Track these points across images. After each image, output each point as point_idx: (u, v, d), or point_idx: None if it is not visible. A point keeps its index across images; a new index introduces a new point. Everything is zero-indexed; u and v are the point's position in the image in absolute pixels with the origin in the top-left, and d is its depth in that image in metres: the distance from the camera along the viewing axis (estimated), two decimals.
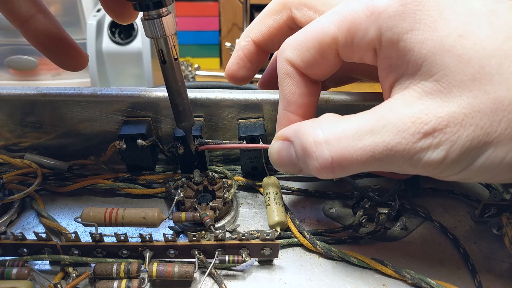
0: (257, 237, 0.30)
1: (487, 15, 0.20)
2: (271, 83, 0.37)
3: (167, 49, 0.28)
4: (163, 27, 0.27)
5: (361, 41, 0.23)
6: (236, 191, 0.36)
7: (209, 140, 0.34)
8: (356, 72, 0.33)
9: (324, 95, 0.34)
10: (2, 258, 0.30)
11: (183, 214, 0.31)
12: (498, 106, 0.19)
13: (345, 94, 0.34)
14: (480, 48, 0.20)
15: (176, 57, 0.29)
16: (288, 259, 0.31)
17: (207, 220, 0.30)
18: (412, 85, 0.21)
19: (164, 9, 0.26)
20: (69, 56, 0.31)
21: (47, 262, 0.31)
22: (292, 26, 0.31)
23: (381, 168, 0.22)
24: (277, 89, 0.36)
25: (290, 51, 0.26)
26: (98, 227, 0.31)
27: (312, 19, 0.28)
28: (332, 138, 0.22)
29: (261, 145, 0.32)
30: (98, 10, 0.70)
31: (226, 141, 0.34)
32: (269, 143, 0.32)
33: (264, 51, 0.32)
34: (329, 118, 0.24)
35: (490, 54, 0.19)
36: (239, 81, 0.32)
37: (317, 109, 0.29)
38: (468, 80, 0.20)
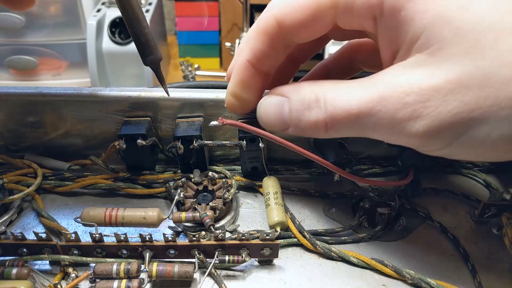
0: (257, 237, 0.30)
1: None
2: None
3: None
4: None
5: (362, 7, 0.22)
6: (236, 191, 0.36)
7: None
8: (357, 62, 0.32)
9: None
10: (2, 258, 0.29)
11: (183, 214, 0.31)
12: (486, 83, 0.19)
13: None
14: (479, 20, 0.19)
15: None
16: (288, 259, 0.31)
17: (207, 220, 0.30)
18: (407, 56, 0.21)
19: None
20: None
21: (47, 262, 0.31)
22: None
23: (367, 134, 0.23)
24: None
25: (280, 8, 0.24)
26: (98, 227, 0.31)
27: None
28: (329, 98, 0.23)
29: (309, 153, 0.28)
30: (98, 10, 0.70)
31: (226, 141, 0.34)
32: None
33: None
34: (328, 81, 0.24)
35: (488, 27, 0.19)
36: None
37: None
38: (461, 54, 0.19)
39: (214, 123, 0.27)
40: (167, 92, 0.33)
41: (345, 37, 0.30)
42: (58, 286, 0.28)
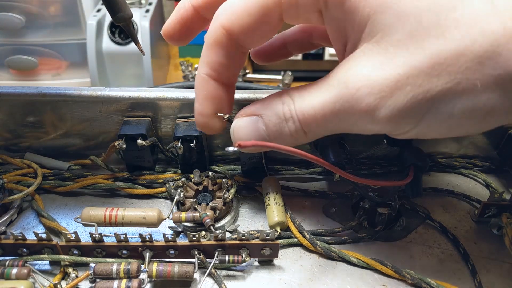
0: (257, 237, 0.30)
1: None
2: (267, 55, 0.35)
3: None
4: None
5: (306, 1, 0.23)
6: (236, 191, 0.36)
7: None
8: (315, 38, 0.33)
9: None
10: (2, 258, 0.30)
11: (183, 214, 0.31)
12: (436, 61, 0.19)
13: None
14: (418, 2, 0.20)
15: None
16: (288, 259, 0.31)
17: (207, 220, 0.30)
18: (357, 47, 0.22)
19: None
20: None
21: (47, 262, 0.31)
22: None
23: (343, 130, 0.24)
24: (270, 61, 0.35)
25: (227, 16, 0.24)
26: (98, 227, 0.31)
27: None
28: (298, 107, 0.24)
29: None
30: (98, 10, 0.70)
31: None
32: None
33: (203, 18, 0.29)
34: (294, 89, 0.25)
35: (428, 7, 0.19)
36: (174, 42, 0.30)
37: None
38: (405, 38, 0.20)
39: (230, 148, 0.25)
40: (142, 51, 0.32)
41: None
42: (58, 286, 0.28)
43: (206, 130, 0.28)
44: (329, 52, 0.75)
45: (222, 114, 0.27)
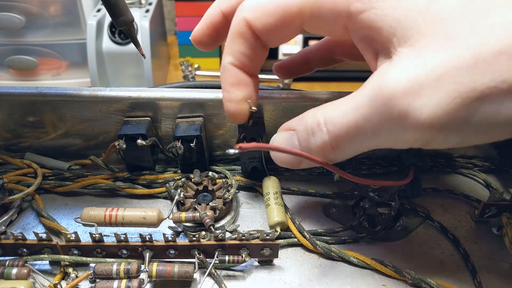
0: (257, 237, 0.30)
1: None
2: (289, 71, 0.36)
3: None
4: None
5: (329, 14, 0.23)
6: (236, 191, 0.36)
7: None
8: (338, 54, 0.33)
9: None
10: (2, 258, 0.29)
11: (183, 214, 0.31)
12: (477, 61, 0.18)
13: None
14: (451, 8, 0.20)
15: None
16: (288, 259, 0.31)
17: (207, 220, 0.30)
18: (390, 54, 0.21)
19: None
20: None
21: (47, 262, 0.31)
22: None
23: (376, 145, 0.22)
24: (293, 76, 0.36)
25: (250, 12, 0.25)
26: (98, 227, 0.31)
27: None
28: (328, 117, 0.23)
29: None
30: (98, 10, 0.70)
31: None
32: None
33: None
34: (329, 103, 0.24)
35: (462, 12, 0.19)
36: (203, 48, 0.31)
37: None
38: (443, 40, 0.19)
39: (232, 151, 0.25)
40: (143, 55, 0.33)
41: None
42: (58, 286, 0.28)
43: (237, 117, 0.28)
44: None
45: (250, 102, 0.27)
